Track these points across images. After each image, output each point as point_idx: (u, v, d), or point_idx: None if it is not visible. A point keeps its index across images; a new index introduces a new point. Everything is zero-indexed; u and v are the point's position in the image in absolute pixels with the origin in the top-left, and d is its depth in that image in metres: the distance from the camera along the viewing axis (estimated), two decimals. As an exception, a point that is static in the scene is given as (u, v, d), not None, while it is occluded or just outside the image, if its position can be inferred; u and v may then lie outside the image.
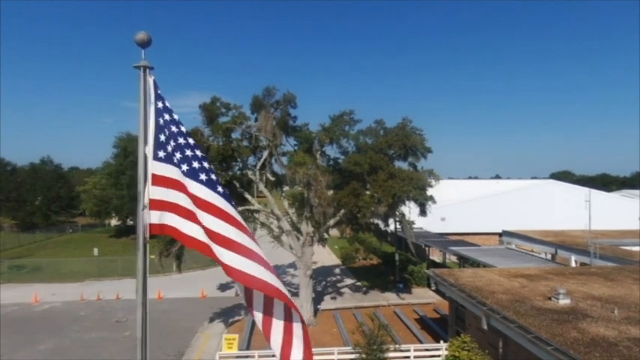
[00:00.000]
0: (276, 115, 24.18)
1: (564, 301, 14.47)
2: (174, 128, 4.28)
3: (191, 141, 4.35)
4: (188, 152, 4.23)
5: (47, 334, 23.38)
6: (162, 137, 4.23)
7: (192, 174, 4.17)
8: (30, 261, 43.16)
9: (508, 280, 18.23)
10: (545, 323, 12.74)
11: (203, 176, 4.18)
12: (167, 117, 4.30)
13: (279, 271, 38.89)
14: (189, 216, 4.16)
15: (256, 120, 24.44)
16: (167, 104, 4.36)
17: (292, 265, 35.62)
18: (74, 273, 38.28)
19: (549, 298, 15.01)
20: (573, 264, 27.47)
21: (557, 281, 17.74)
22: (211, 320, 25.81)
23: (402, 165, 26.27)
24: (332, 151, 26.45)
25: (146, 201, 4.18)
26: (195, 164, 4.21)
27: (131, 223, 64.62)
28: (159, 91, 4.33)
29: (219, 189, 4.24)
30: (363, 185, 24.59)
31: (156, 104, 4.26)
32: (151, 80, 4.29)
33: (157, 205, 4.20)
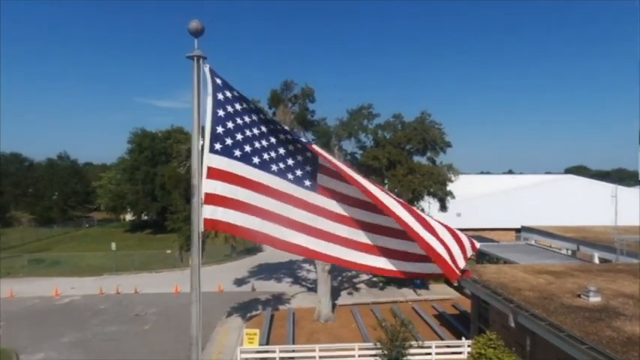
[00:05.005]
0: (294, 109, 24.04)
1: (595, 299, 14.13)
2: (246, 118, 4.09)
3: (266, 128, 4.11)
4: (264, 142, 4.05)
5: (69, 327, 23.69)
6: (221, 129, 4.06)
7: (264, 165, 4.01)
8: (49, 255, 43.89)
9: (533, 276, 17.89)
10: (577, 321, 12.45)
11: (277, 166, 4.02)
12: (235, 107, 4.10)
13: (294, 266, 39.02)
14: (248, 209, 4.02)
15: (274, 115, 24.31)
16: (235, 94, 4.16)
17: (308, 260, 35.60)
18: (92, 267, 38.81)
19: (579, 296, 14.68)
20: (596, 261, 26.93)
21: (585, 278, 17.36)
22: (229, 315, 25.91)
23: (420, 159, 26.00)
24: (350, 146, 26.26)
25: (202, 195, 4.05)
26: (272, 154, 4.04)
27: (146, 217, 65.35)
28: (218, 81, 4.14)
29: (298, 173, 4.05)
30: (382, 180, 24.35)
31: (215, 95, 4.09)
32: (207, 70, 4.14)
33: (211, 199, 4.06)
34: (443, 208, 24.83)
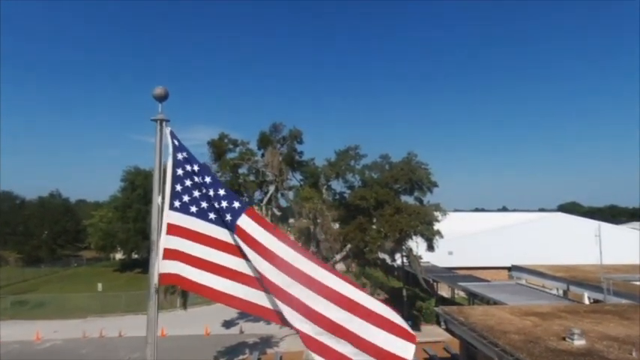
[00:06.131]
0: (283, 150, 24.57)
1: (579, 342, 14.02)
2: (197, 179, 4.33)
3: (221, 192, 4.27)
4: (214, 200, 4.23)
5: (48, 374, 22.89)
6: (179, 187, 4.30)
7: (218, 221, 4.18)
8: (33, 297, 42.82)
9: (520, 318, 17.73)
10: (560, 366, 12.31)
11: (228, 217, 4.13)
12: (188, 168, 4.37)
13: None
14: (204, 265, 4.17)
15: (263, 155, 24.80)
16: (189, 155, 4.44)
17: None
18: (77, 309, 37.83)
19: (564, 339, 14.55)
20: (586, 301, 26.77)
21: (571, 320, 17.22)
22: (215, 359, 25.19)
23: (408, 199, 26.34)
24: (338, 186, 26.67)
25: (160, 250, 4.23)
26: (221, 212, 4.20)
27: (136, 256, 64.48)
28: (176, 143, 4.44)
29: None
30: (370, 220, 24.54)
31: (175, 155, 4.37)
32: (167, 132, 4.44)
33: (171, 254, 4.23)
34: (430, 248, 24.89)
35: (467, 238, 47.05)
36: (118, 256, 69.33)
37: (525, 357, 13.10)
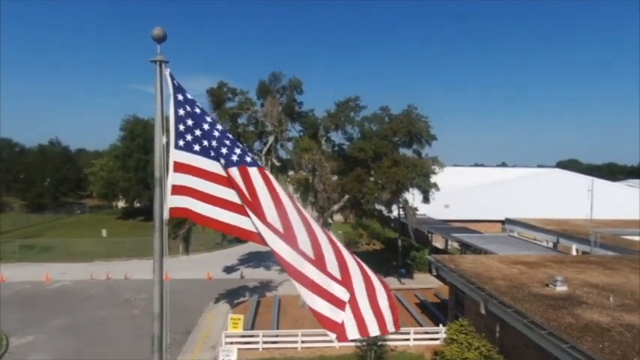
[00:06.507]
0: (282, 100, 24.40)
1: (561, 288, 14.83)
2: (198, 119, 4.54)
3: (217, 128, 4.51)
4: (214, 141, 4.47)
5: (59, 312, 24.21)
6: (182, 127, 4.51)
7: (219, 159, 4.43)
8: (40, 241, 44.18)
9: (507, 266, 18.59)
10: (541, 309, 13.13)
11: (234, 157, 4.40)
12: (189, 108, 4.55)
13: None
14: (211, 200, 4.47)
15: (262, 105, 24.66)
16: (188, 96, 4.61)
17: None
18: (83, 253, 39.21)
19: (547, 285, 15.37)
20: (574, 252, 27.78)
21: (556, 269, 18.08)
22: (217, 301, 26.52)
23: (406, 152, 26.53)
24: (337, 137, 26.74)
25: (167, 187, 4.51)
26: (224, 150, 4.45)
27: (138, 205, 65.61)
28: (176, 84, 4.59)
29: (252, 162, 4.41)
30: (368, 172, 24.87)
31: (175, 96, 4.54)
32: (167, 73, 4.57)
33: (178, 190, 4.51)
34: (426, 199, 25.42)
35: (464, 192, 47.75)
36: (121, 204, 70.49)
37: (508, 300, 13.93)
